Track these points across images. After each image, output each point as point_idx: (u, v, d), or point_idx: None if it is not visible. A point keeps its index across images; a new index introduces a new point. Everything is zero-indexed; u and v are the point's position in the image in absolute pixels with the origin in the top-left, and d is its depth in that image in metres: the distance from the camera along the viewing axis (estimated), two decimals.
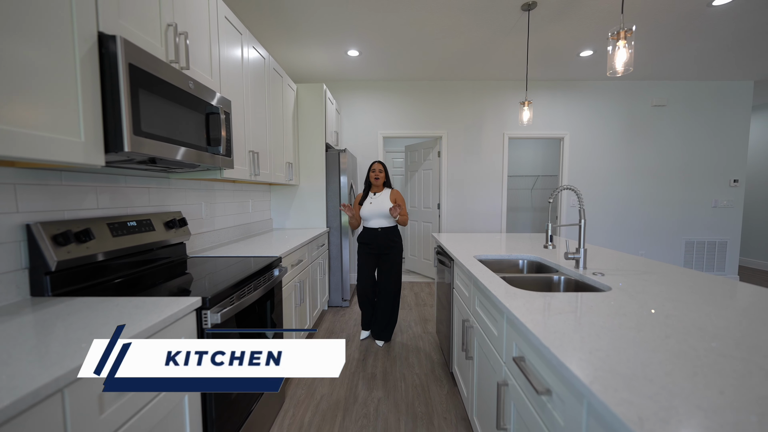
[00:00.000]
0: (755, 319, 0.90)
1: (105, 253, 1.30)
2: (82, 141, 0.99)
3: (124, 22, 1.15)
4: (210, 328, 1.13)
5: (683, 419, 0.50)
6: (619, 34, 1.49)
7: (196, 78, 1.52)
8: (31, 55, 0.85)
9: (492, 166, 4.17)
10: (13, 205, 1.08)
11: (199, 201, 2.11)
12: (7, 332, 0.83)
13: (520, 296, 1.09)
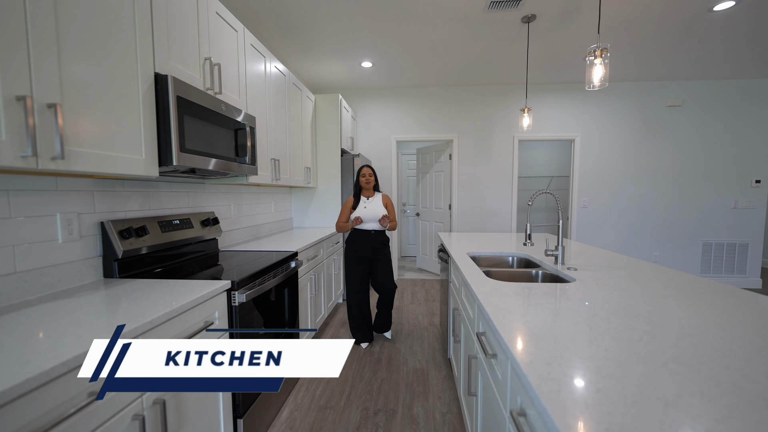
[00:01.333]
0: (680, 304, 1.06)
1: (156, 246, 1.61)
2: (143, 158, 1.29)
3: (173, 61, 1.45)
4: (237, 305, 1.41)
5: (562, 363, 0.71)
6: (596, 52, 1.64)
7: (226, 100, 1.82)
8: (115, 106, 1.16)
9: (502, 167, 4.29)
10: (92, 207, 1.41)
11: (228, 203, 2.43)
12: (93, 301, 1.13)
13: (489, 285, 1.30)
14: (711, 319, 0.94)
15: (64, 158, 0.98)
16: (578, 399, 0.58)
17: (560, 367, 0.69)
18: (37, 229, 1.20)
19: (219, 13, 1.80)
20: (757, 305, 1.05)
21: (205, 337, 1.22)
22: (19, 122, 0.87)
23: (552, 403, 0.57)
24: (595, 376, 0.65)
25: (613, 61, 3.45)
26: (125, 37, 1.22)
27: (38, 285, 1.18)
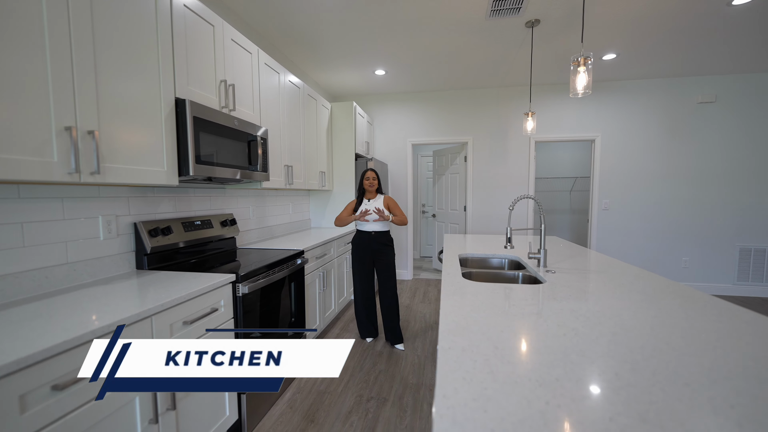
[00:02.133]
0: (631, 307, 1.11)
1: (179, 243, 1.89)
2: (165, 170, 1.54)
3: (191, 87, 1.70)
4: (240, 295, 1.63)
5: (473, 347, 0.82)
6: (579, 60, 1.67)
7: (240, 116, 2.06)
8: (140, 120, 1.41)
9: (518, 169, 4.26)
10: (127, 210, 1.69)
11: (247, 205, 2.70)
12: (130, 287, 1.40)
13: (456, 284, 1.41)
14: (649, 321, 1.00)
15: (100, 173, 1.23)
16: (468, 377, 0.71)
17: (471, 353, 0.81)
18: (84, 228, 1.49)
19: (234, 39, 2.05)
20: (720, 314, 1.08)
21: (211, 324, 1.45)
22: (66, 146, 1.13)
23: (444, 378, 0.70)
24: (497, 361, 0.77)
25: (633, 59, 3.34)
26: (151, 71, 1.47)
27: (84, 273, 1.47)
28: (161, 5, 1.52)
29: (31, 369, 0.82)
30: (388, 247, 2.68)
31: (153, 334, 1.17)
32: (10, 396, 0.78)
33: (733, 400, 0.61)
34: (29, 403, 0.82)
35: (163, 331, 1.21)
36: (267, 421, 1.80)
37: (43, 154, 1.08)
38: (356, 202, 2.68)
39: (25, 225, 1.28)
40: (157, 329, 1.18)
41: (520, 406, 0.60)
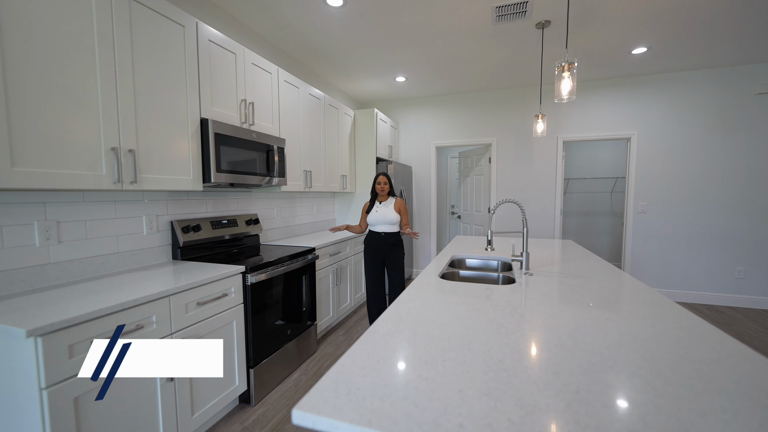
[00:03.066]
0: (578, 312, 1.16)
1: (208, 239, 2.23)
2: (191, 178, 1.87)
3: (214, 107, 2.03)
4: (249, 284, 1.91)
5: (397, 332, 0.97)
6: (564, 66, 1.68)
7: (259, 129, 2.37)
8: (171, 139, 1.75)
9: (545, 170, 4.14)
10: (166, 210, 2.06)
11: (272, 206, 3.03)
12: (168, 268, 1.74)
13: (424, 282, 1.53)
14: (576, 322, 1.05)
15: (137, 182, 1.58)
16: (371, 354, 0.86)
17: (390, 337, 0.96)
18: (131, 225, 1.87)
19: (255, 63, 2.36)
20: (659, 321, 1.09)
21: (222, 306, 1.74)
22: (111, 162, 1.48)
23: (352, 351, 0.86)
24: (405, 344, 0.91)
25: (670, 50, 3.10)
26: (180, 97, 1.81)
27: (130, 261, 1.85)
28: (188, 42, 1.85)
29: (78, 327, 1.14)
30: (396, 247, 2.83)
31: (170, 310, 1.47)
32: (62, 344, 1.10)
33: (586, 392, 0.70)
34: (75, 351, 1.14)
35: (179, 308, 1.51)
36: (273, 395, 2.07)
37: (95, 169, 1.43)
38: (369, 204, 2.87)
39: (87, 222, 1.67)
40: (174, 307, 1.49)
41: (392, 375, 0.75)
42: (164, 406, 1.45)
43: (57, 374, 1.09)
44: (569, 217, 5.34)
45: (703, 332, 0.96)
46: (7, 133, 1.17)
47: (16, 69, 1.19)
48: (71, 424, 1.13)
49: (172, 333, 1.48)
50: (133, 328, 1.31)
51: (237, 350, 1.86)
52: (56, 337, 1.09)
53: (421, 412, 0.62)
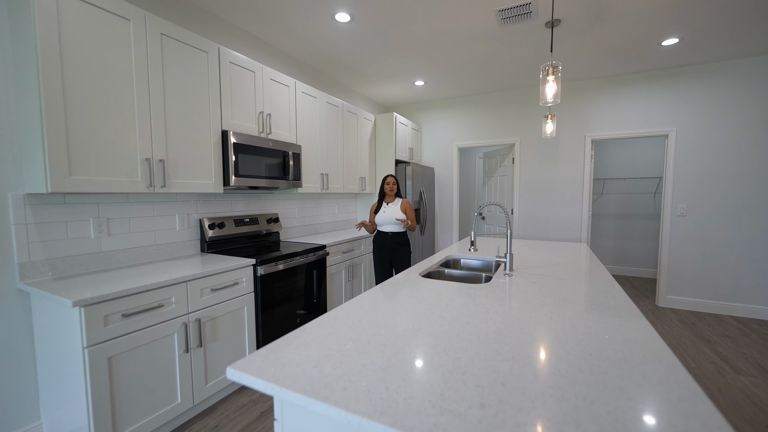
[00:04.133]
0: (529, 314, 1.21)
1: (231, 235, 2.55)
2: (213, 182, 2.18)
3: (234, 120, 2.32)
4: (259, 276, 2.17)
5: (347, 318, 1.12)
6: (548, 69, 1.68)
7: (276, 137, 2.64)
8: (196, 149, 2.06)
9: (571, 171, 3.96)
10: (195, 210, 2.41)
11: (293, 206, 3.31)
12: (196, 259, 2.06)
13: (402, 279, 1.65)
14: (522, 320, 1.11)
15: (166, 186, 1.89)
16: (315, 334, 1.02)
17: (339, 321, 1.11)
18: (166, 222, 2.22)
19: (273, 78, 2.63)
20: (601, 324, 1.12)
21: (233, 293, 2.01)
22: (145, 170, 1.80)
23: (300, 331, 1.03)
24: (347, 330, 1.05)
25: (707, 39, 2.84)
26: (203, 113, 2.11)
27: (165, 252, 2.20)
28: (211, 65, 2.15)
29: (111, 302, 1.44)
30: (403, 246, 2.96)
31: (187, 293, 1.76)
32: (99, 314, 1.41)
33: (466, 374, 0.79)
34: (109, 321, 1.44)
35: (195, 292, 1.80)
36: None
37: (132, 176, 1.76)
38: (377, 204, 3.02)
39: (131, 219, 2.03)
40: (191, 291, 1.77)
41: (317, 349, 0.90)
42: (182, 373, 1.74)
43: (95, 337, 1.40)
44: (606, 220, 5.02)
45: (640, 341, 0.98)
46: (66, 150, 1.52)
47: (71, 100, 1.54)
48: (105, 377, 1.44)
49: (189, 312, 1.77)
50: (155, 306, 1.61)
51: (247, 333, 2.13)
52: (95, 309, 1.40)
53: (320, 377, 0.76)
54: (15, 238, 1.59)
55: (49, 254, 1.70)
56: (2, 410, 1.57)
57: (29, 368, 1.65)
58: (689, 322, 3.22)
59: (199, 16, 2.40)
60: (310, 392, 0.71)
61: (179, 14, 2.27)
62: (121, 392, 1.51)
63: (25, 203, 1.62)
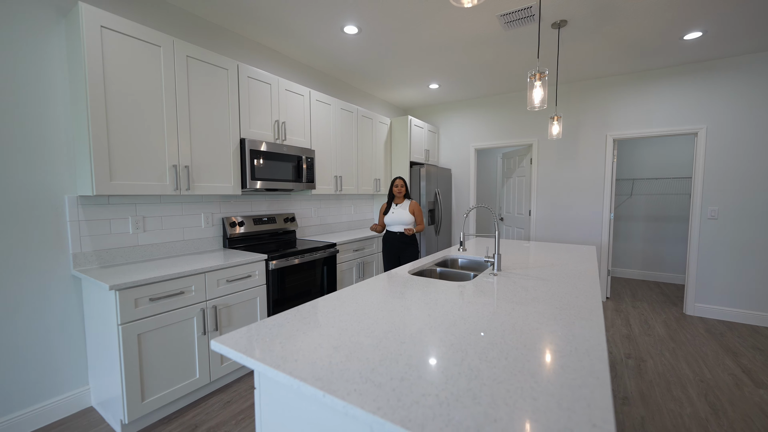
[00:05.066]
0: (494, 304, 1.30)
1: (250, 233, 2.80)
2: (231, 185, 2.43)
3: (252, 129, 2.56)
4: (271, 269, 2.39)
5: (325, 306, 1.27)
6: (535, 75, 1.71)
7: (290, 143, 2.86)
8: (216, 156, 2.32)
9: (591, 171, 3.84)
10: (219, 209, 2.68)
11: (309, 207, 3.54)
12: (218, 254, 2.33)
13: (388, 276, 1.77)
14: (486, 317, 1.20)
15: (190, 189, 2.16)
16: (293, 319, 1.18)
17: (318, 309, 1.26)
18: (193, 220, 2.51)
19: (288, 88, 2.85)
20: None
21: (247, 285, 2.24)
22: (172, 176, 2.08)
23: (279, 316, 1.19)
24: (323, 317, 1.20)
25: (734, 31, 2.67)
26: (223, 124, 2.37)
27: (191, 247, 2.49)
28: (231, 80, 2.40)
29: (139, 287, 1.71)
30: (411, 246, 3.06)
31: (205, 283, 2.01)
32: (130, 298, 1.68)
33: (399, 356, 0.91)
34: (138, 303, 1.71)
35: (212, 282, 2.04)
36: None
37: (162, 180, 2.04)
38: (386, 205, 3.15)
39: (163, 218, 2.34)
40: (208, 281, 2.02)
41: (287, 330, 1.06)
42: (200, 353, 2.00)
43: (127, 316, 1.67)
44: (635, 222, 4.78)
45: (582, 338, 1.04)
46: (108, 159, 1.81)
47: (112, 116, 1.83)
48: (135, 351, 1.71)
49: (206, 300, 2.02)
50: (177, 293, 1.87)
51: (259, 312, 2.36)
52: (127, 292, 1.67)
53: (281, 351, 0.92)
54: (70, 233, 1.92)
55: (96, 246, 2.02)
56: (59, 375, 1.90)
57: (80, 341, 1.98)
58: (717, 332, 3.03)
59: (222, 35, 2.67)
60: (268, 362, 0.86)
61: (204, 35, 2.55)
62: (149, 365, 1.77)
63: (78, 204, 1.95)
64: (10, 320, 1.74)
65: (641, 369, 2.41)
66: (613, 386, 2.20)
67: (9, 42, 1.71)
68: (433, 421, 0.63)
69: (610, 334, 2.99)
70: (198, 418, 1.89)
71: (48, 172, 1.85)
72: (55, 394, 1.89)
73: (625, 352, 2.66)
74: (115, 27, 1.81)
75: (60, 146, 1.88)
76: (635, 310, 3.61)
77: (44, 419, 1.84)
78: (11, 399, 1.75)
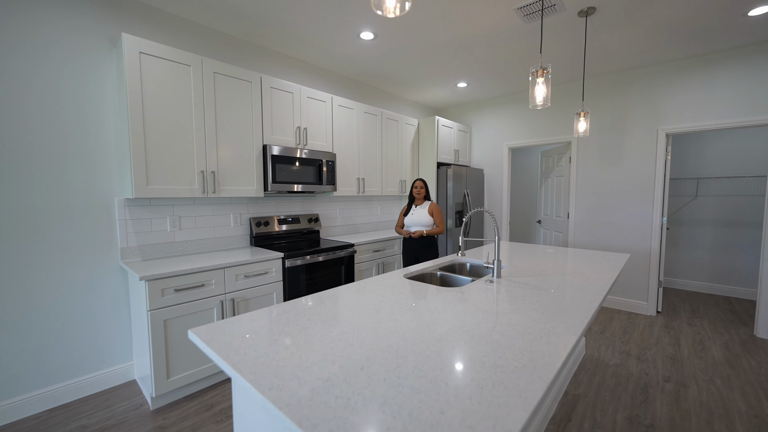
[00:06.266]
0: (475, 313, 1.26)
1: (275, 232, 3.01)
2: (254, 188, 2.64)
3: (274, 135, 2.75)
4: (286, 267, 2.55)
5: (297, 306, 1.35)
6: (538, 71, 1.59)
7: (311, 147, 3.01)
8: (241, 161, 2.54)
9: (639, 170, 3.45)
10: (247, 210, 2.93)
11: (335, 208, 3.67)
12: (245, 251, 2.56)
13: (382, 277, 1.80)
14: (465, 325, 1.18)
15: (215, 192, 2.40)
16: (272, 315, 1.27)
17: (293, 306, 1.34)
18: (223, 219, 2.77)
19: (310, 96, 3.00)
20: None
21: (263, 281, 2.42)
22: (200, 180, 2.33)
23: (260, 311, 1.29)
24: (287, 315, 1.28)
25: None
26: (247, 132, 2.58)
27: (221, 244, 2.75)
28: (254, 91, 2.60)
29: (165, 279, 1.95)
30: (430, 248, 3.04)
31: (224, 277, 2.21)
32: (158, 288, 1.92)
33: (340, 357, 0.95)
34: (164, 293, 1.96)
35: (231, 277, 2.25)
36: None
37: (191, 185, 2.30)
38: (406, 207, 3.16)
39: (197, 217, 2.62)
40: (227, 276, 2.23)
41: (252, 326, 1.15)
42: None
43: (155, 304, 1.92)
44: (701, 228, 4.18)
45: (546, 353, 0.98)
46: (145, 166, 2.09)
47: (149, 128, 2.11)
48: (161, 334, 1.96)
49: (225, 293, 2.22)
50: (199, 285, 2.09)
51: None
52: (154, 283, 1.92)
53: (239, 344, 1.01)
54: (118, 230, 2.25)
55: (139, 242, 2.34)
56: (109, 350, 2.25)
57: (127, 323, 2.31)
58: None
59: (247, 48, 2.90)
60: (221, 353, 0.96)
61: (233, 50, 2.79)
62: (173, 348, 2.02)
63: (125, 205, 2.27)
64: (71, 303, 2.10)
65: (680, 395, 2.13)
66: (638, 411, 1.98)
67: (73, 69, 2.06)
68: (329, 422, 0.67)
69: (651, 353, 2.67)
70: (215, 399, 2.10)
71: (102, 178, 2.19)
72: (106, 366, 2.23)
73: (665, 375, 2.36)
74: (151, 52, 2.09)
75: (111, 156, 2.22)
76: (690, 327, 3.17)
77: (96, 386, 2.19)
78: (72, 367, 2.11)
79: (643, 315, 3.50)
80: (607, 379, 2.32)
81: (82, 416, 1.96)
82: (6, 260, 1.89)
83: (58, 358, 2.07)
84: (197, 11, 2.41)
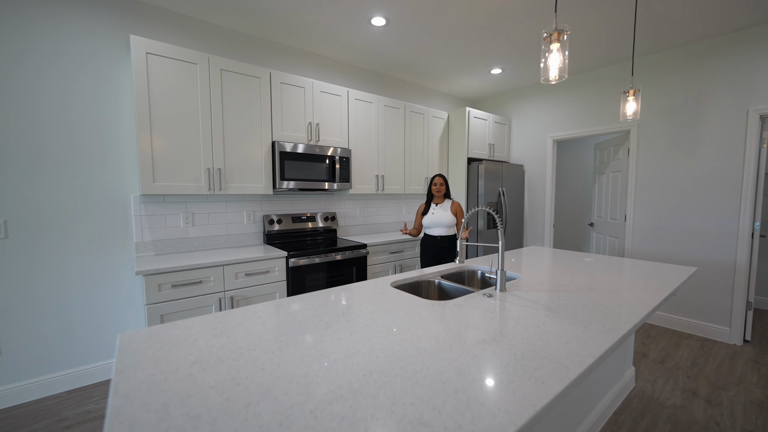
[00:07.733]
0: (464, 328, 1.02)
1: (288, 230, 2.97)
2: (263, 185, 2.61)
3: (284, 132, 2.70)
4: (290, 267, 2.47)
5: (260, 312, 1.22)
6: (552, 35, 1.25)
7: (324, 144, 2.91)
8: (248, 158, 2.53)
9: (721, 162, 2.77)
10: (260, 208, 2.92)
11: (354, 206, 3.54)
12: (255, 249, 2.56)
13: (367, 285, 1.60)
14: (442, 339, 0.96)
15: (222, 189, 2.41)
16: (222, 320, 1.16)
17: (230, 321, 1.22)
18: (236, 216, 2.79)
19: (323, 90, 2.90)
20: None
21: (265, 280, 2.36)
22: (207, 177, 2.34)
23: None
24: (230, 322, 1.15)
25: None
26: (255, 129, 2.56)
27: (234, 241, 2.78)
28: (263, 88, 2.57)
29: (161, 275, 1.98)
30: (453, 251, 2.75)
31: (224, 275, 2.20)
32: (154, 283, 1.95)
33: None
34: (161, 288, 1.98)
35: (230, 275, 2.22)
36: None
37: (197, 182, 2.33)
38: (424, 206, 2.90)
39: (210, 214, 2.67)
40: (227, 273, 2.21)
41: (197, 330, 1.04)
42: None
43: (151, 298, 1.95)
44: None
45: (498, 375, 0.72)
46: (151, 163, 2.15)
47: (155, 127, 2.16)
48: None
49: (224, 290, 2.21)
50: (196, 282, 2.10)
51: None
52: (151, 278, 1.95)
53: (190, 350, 0.90)
54: (134, 225, 2.36)
55: (153, 237, 2.43)
56: None
57: (142, 313, 2.41)
58: None
59: (256, 44, 2.87)
60: (119, 365, 0.86)
61: (241, 46, 2.79)
62: None
63: (140, 201, 2.38)
64: (92, 292, 2.24)
65: None
66: None
67: (93, 72, 2.19)
68: None
69: (729, 396, 2.10)
70: None
71: (119, 175, 2.31)
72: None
73: (744, 428, 1.82)
74: (157, 51, 2.14)
75: (128, 154, 2.33)
76: None
77: (111, 373, 2.31)
78: (91, 353, 2.25)
79: (723, 343, 2.81)
80: (659, 425, 1.85)
81: (92, 401, 2.07)
82: (37, 247, 2.07)
83: (80, 343, 2.22)
84: (211, 12, 2.44)
